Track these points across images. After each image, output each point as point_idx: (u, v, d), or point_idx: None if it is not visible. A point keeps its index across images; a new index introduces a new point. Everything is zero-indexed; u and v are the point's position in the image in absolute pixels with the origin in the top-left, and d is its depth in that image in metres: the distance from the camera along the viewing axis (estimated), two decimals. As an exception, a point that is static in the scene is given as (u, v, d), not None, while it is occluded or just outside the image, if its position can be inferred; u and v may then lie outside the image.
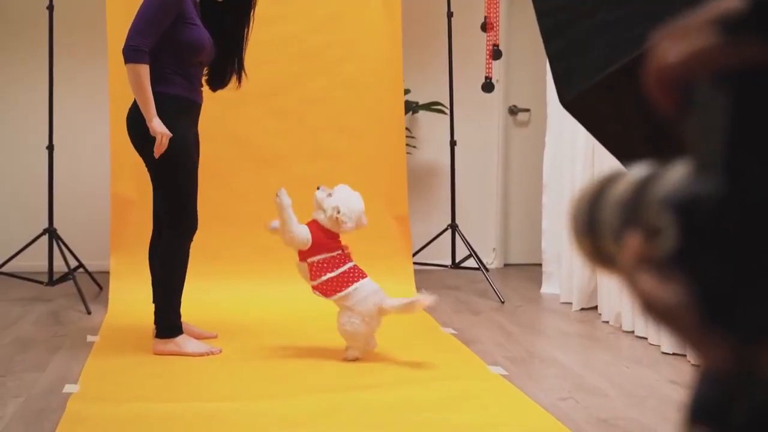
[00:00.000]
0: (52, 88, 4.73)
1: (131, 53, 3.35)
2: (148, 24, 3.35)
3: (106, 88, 4.71)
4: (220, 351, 3.60)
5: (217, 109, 3.74)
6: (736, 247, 0.44)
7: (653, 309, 0.49)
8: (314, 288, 3.50)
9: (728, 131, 0.44)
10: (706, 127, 0.45)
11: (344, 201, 3.50)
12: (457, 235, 5.29)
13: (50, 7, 4.71)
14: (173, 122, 3.45)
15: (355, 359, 3.51)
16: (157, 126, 3.38)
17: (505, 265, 6.36)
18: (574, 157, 4.69)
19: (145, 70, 3.35)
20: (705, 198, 0.44)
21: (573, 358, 3.63)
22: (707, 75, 0.45)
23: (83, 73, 5.54)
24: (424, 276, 5.36)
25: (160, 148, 3.38)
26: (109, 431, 2.66)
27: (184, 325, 3.68)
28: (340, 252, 3.52)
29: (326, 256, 3.49)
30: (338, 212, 3.45)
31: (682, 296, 0.46)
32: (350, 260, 3.54)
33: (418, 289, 4.82)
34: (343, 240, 3.58)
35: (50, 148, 4.74)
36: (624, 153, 1.24)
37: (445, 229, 5.34)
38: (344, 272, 3.48)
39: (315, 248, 3.48)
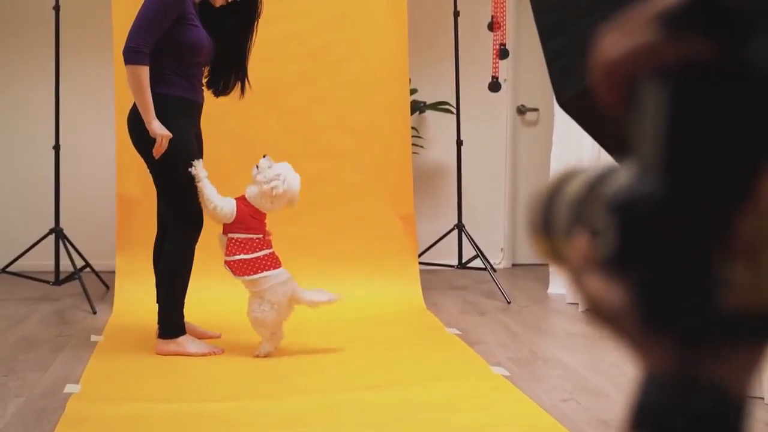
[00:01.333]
0: (59, 88, 4.75)
1: (131, 54, 3.35)
2: (148, 25, 3.35)
3: (112, 88, 4.71)
4: (222, 351, 3.60)
5: (220, 109, 3.74)
6: (676, 249, 0.42)
7: (597, 311, 0.48)
8: (226, 263, 3.52)
9: (667, 129, 0.43)
10: (647, 125, 0.44)
11: (284, 174, 3.48)
12: (464, 235, 5.28)
13: (56, 8, 4.72)
14: (174, 123, 3.45)
15: (267, 355, 3.52)
16: (156, 128, 3.38)
17: (513, 265, 6.33)
18: (582, 157, 4.67)
19: (144, 71, 3.35)
20: (643, 199, 0.43)
21: (577, 359, 3.61)
22: (648, 71, 0.44)
23: (89, 73, 5.56)
24: (431, 276, 5.35)
25: (159, 149, 3.38)
26: (108, 431, 2.66)
27: (187, 325, 3.68)
28: (261, 237, 3.53)
29: (246, 236, 3.50)
30: (277, 178, 3.44)
31: (624, 299, 0.45)
32: (269, 247, 3.55)
33: (424, 289, 4.81)
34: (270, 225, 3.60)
35: (56, 148, 4.75)
36: (621, 153, 1.23)
37: (452, 229, 5.33)
38: (259, 257, 3.50)
39: (237, 225, 3.50)
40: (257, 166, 3.53)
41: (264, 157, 3.55)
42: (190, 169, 3.44)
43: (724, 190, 0.41)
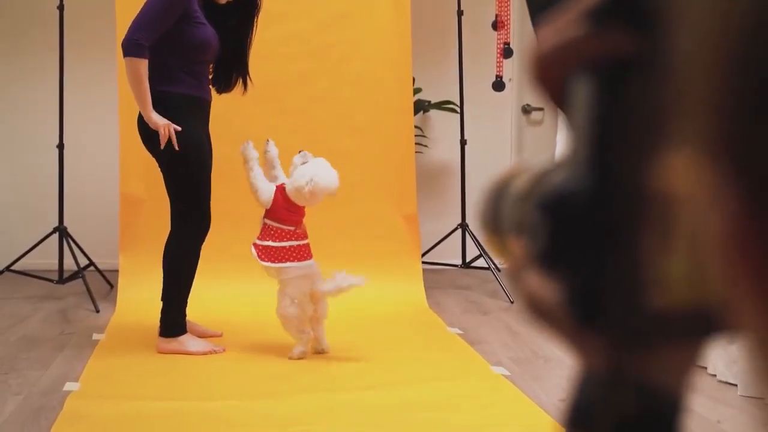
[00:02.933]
0: (63, 87, 4.76)
1: (130, 46, 3.35)
2: (150, 20, 3.35)
3: (116, 87, 4.73)
4: (224, 350, 3.60)
5: (223, 108, 3.74)
6: (603, 246, 0.42)
7: (534, 308, 0.47)
8: (254, 245, 3.53)
9: (594, 124, 0.42)
10: (576, 120, 0.44)
11: (317, 173, 3.47)
12: (467, 234, 5.27)
13: (60, 7, 4.74)
14: (185, 121, 3.46)
15: (301, 357, 3.49)
16: (155, 118, 3.39)
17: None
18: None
19: (143, 64, 3.35)
20: (570, 196, 0.42)
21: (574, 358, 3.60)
22: (576, 66, 0.44)
23: (93, 72, 5.57)
24: (435, 275, 5.35)
25: (164, 138, 3.38)
26: (106, 429, 2.67)
27: (189, 324, 3.68)
28: (293, 228, 3.52)
29: (279, 226, 3.51)
30: (303, 184, 3.43)
31: (557, 297, 0.45)
32: (299, 239, 3.54)
33: (427, 288, 4.81)
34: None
35: (60, 147, 4.77)
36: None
37: (456, 229, 5.32)
38: (285, 247, 3.50)
39: (272, 214, 3.52)
40: (300, 153, 3.54)
41: (300, 152, 3.54)
42: (240, 149, 3.48)
43: (651, 185, 0.41)
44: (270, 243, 3.50)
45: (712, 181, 0.29)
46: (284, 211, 3.51)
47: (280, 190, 3.53)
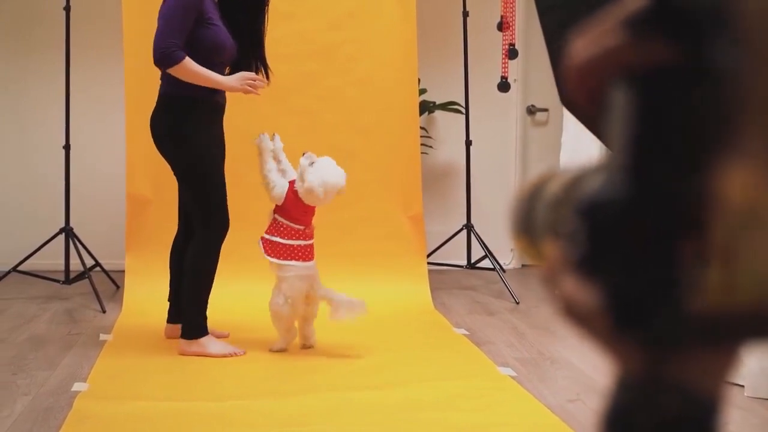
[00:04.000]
0: (69, 88, 4.77)
1: (164, 58, 3.33)
2: (172, 24, 3.33)
3: (122, 88, 4.74)
4: (244, 352, 3.61)
5: (230, 108, 3.74)
6: (643, 252, 0.43)
7: (571, 312, 0.48)
8: (261, 239, 3.58)
9: (633, 132, 0.43)
10: (615, 127, 0.44)
11: (323, 175, 3.49)
12: (473, 235, 5.28)
13: (67, 8, 4.74)
14: (201, 124, 3.47)
15: (280, 350, 3.57)
16: (233, 82, 3.44)
17: (523, 265, 6.33)
18: (591, 157, 4.66)
19: (186, 63, 3.34)
20: (609, 202, 0.43)
21: (585, 360, 3.61)
22: (614, 75, 0.44)
23: (99, 73, 5.58)
24: (440, 276, 5.35)
25: (256, 85, 3.48)
26: (114, 429, 2.68)
27: None
28: (303, 228, 3.55)
29: (290, 224, 3.54)
30: (315, 187, 3.46)
31: (595, 301, 0.45)
32: (306, 239, 3.57)
33: (433, 289, 4.81)
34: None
35: (67, 147, 4.78)
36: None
37: (461, 229, 5.33)
38: (292, 246, 3.54)
39: (283, 210, 3.56)
40: (304, 156, 3.55)
41: (304, 154, 3.56)
42: (255, 141, 3.52)
43: (690, 192, 0.41)
44: (278, 239, 3.53)
45: None
46: (294, 209, 3.54)
47: (292, 187, 3.55)
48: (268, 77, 3.75)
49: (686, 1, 0.42)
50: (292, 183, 3.56)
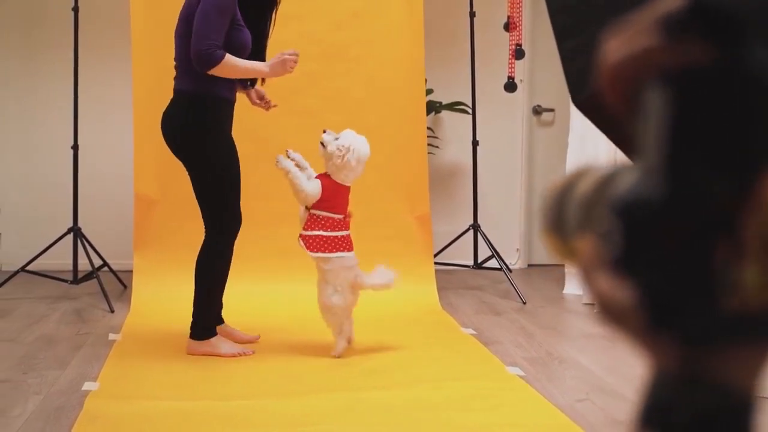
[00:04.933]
0: (77, 88, 4.79)
1: (205, 60, 3.32)
2: (209, 27, 3.32)
3: (130, 88, 4.75)
4: (253, 352, 3.61)
5: (237, 108, 3.75)
6: (679, 251, 0.43)
7: (607, 310, 0.48)
8: (301, 237, 3.55)
9: (669, 133, 0.44)
10: (650, 128, 0.45)
11: (351, 141, 3.52)
12: (479, 235, 5.28)
13: (75, 9, 4.76)
14: (218, 124, 3.47)
15: (340, 355, 3.52)
16: (277, 67, 3.46)
17: (529, 265, 6.33)
18: (597, 157, 4.66)
19: (228, 61, 3.34)
20: (646, 202, 0.44)
21: (593, 360, 3.61)
22: (650, 76, 0.45)
23: (108, 73, 5.60)
24: (447, 276, 5.36)
25: (293, 61, 3.48)
26: (125, 429, 2.69)
27: (227, 330, 3.72)
28: (342, 217, 3.55)
29: (328, 215, 3.53)
30: (347, 150, 3.47)
31: (631, 299, 0.46)
32: (347, 228, 3.58)
33: (440, 289, 4.82)
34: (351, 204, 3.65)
35: (75, 148, 4.80)
36: (637, 153, 1.23)
37: (467, 229, 5.33)
38: (336, 237, 3.53)
39: (322, 202, 3.53)
40: (322, 143, 3.55)
41: (324, 132, 3.57)
42: (277, 165, 3.50)
43: (726, 192, 0.42)
44: (320, 232, 3.51)
45: None
46: (334, 196, 3.52)
47: (325, 176, 3.55)
48: (263, 80, 3.76)
49: (721, 1, 0.42)
50: (321, 174, 3.56)
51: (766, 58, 0.40)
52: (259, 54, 3.71)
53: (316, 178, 3.56)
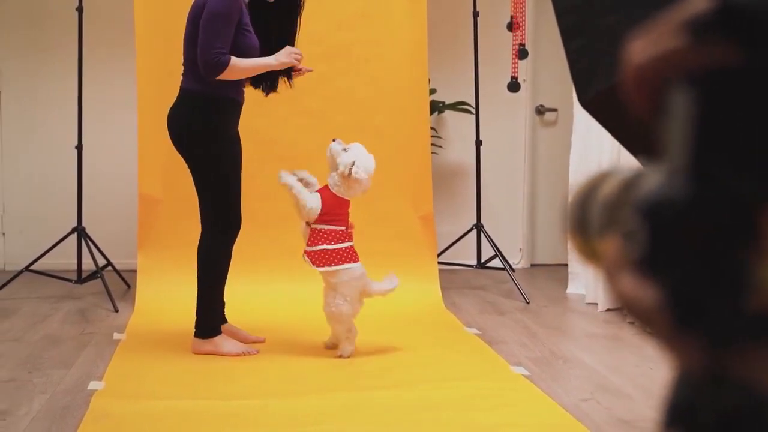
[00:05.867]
0: (81, 88, 4.79)
1: (212, 67, 3.33)
2: (215, 34, 3.32)
3: (134, 88, 4.76)
4: (257, 351, 3.62)
5: (243, 108, 3.75)
6: (704, 251, 0.44)
7: (632, 310, 0.49)
8: (306, 254, 3.54)
9: (695, 133, 0.44)
10: (676, 129, 0.45)
11: (359, 157, 3.52)
12: (482, 235, 5.28)
13: (79, 9, 4.76)
14: (223, 122, 3.48)
15: (351, 355, 3.53)
16: (283, 58, 3.45)
17: (532, 265, 6.33)
18: (600, 157, 4.66)
19: (234, 63, 3.34)
20: (671, 203, 0.44)
21: (597, 359, 3.61)
22: (676, 77, 0.45)
23: (112, 73, 5.60)
24: (450, 276, 5.36)
25: (298, 59, 3.48)
26: (131, 428, 2.70)
27: (232, 330, 3.72)
28: (344, 229, 3.55)
29: (330, 228, 3.53)
30: (353, 164, 3.46)
31: (655, 299, 0.46)
32: (350, 239, 3.58)
33: (443, 289, 4.82)
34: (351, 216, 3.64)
35: (79, 147, 4.80)
36: (644, 153, 1.23)
37: (471, 229, 5.34)
38: (340, 249, 3.52)
39: (323, 216, 3.52)
40: (330, 149, 3.55)
41: (334, 140, 3.57)
42: (280, 181, 3.49)
43: (751, 194, 0.42)
44: (324, 246, 3.50)
45: None
46: (334, 209, 3.52)
47: (325, 190, 3.55)
48: (290, 80, 3.76)
49: (750, 3, 0.43)
50: (322, 188, 3.56)
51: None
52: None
53: (316, 192, 3.55)
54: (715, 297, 0.44)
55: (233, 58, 3.35)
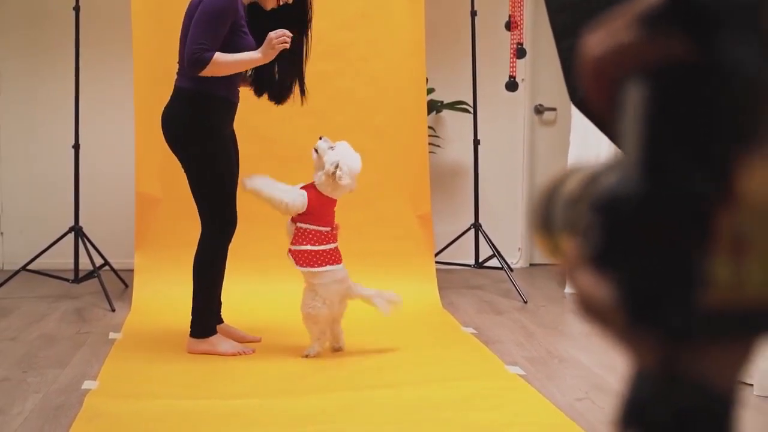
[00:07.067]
0: (78, 87, 4.79)
1: (193, 63, 3.32)
2: (202, 32, 3.32)
3: (132, 87, 4.75)
4: (253, 351, 3.61)
5: (242, 108, 3.75)
6: (656, 247, 0.43)
7: (588, 307, 0.48)
8: (290, 252, 3.53)
9: (647, 129, 0.43)
10: (630, 124, 0.45)
11: (344, 157, 3.49)
12: (481, 234, 5.27)
13: (76, 8, 4.76)
14: (216, 121, 3.47)
15: (317, 355, 3.51)
16: (267, 51, 3.39)
17: (531, 264, 6.32)
18: (599, 157, 4.65)
19: (217, 58, 3.32)
20: (624, 198, 0.43)
21: (593, 359, 3.60)
22: (631, 71, 0.45)
23: (109, 73, 5.60)
24: (448, 275, 5.35)
25: (283, 41, 3.39)
26: (124, 427, 2.69)
27: (228, 329, 3.72)
28: (329, 230, 3.53)
29: (315, 228, 3.50)
30: (337, 167, 3.44)
31: (611, 296, 0.46)
32: (335, 241, 3.56)
33: (441, 288, 4.81)
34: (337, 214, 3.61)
35: (76, 147, 4.80)
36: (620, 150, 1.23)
37: (469, 229, 5.33)
38: (324, 251, 3.50)
39: (308, 216, 3.50)
40: (316, 150, 3.54)
41: (321, 138, 3.55)
42: (245, 189, 3.46)
43: (703, 188, 0.42)
44: (309, 247, 3.49)
45: None
46: (320, 209, 3.49)
47: (311, 187, 3.53)
48: (303, 94, 3.74)
49: None
50: (307, 186, 3.55)
51: (742, 53, 0.40)
52: (295, 67, 3.69)
53: (301, 189, 3.53)
54: (669, 294, 0.43)
55: (217, 54, 3.33)
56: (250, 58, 3.42)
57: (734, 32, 0.40)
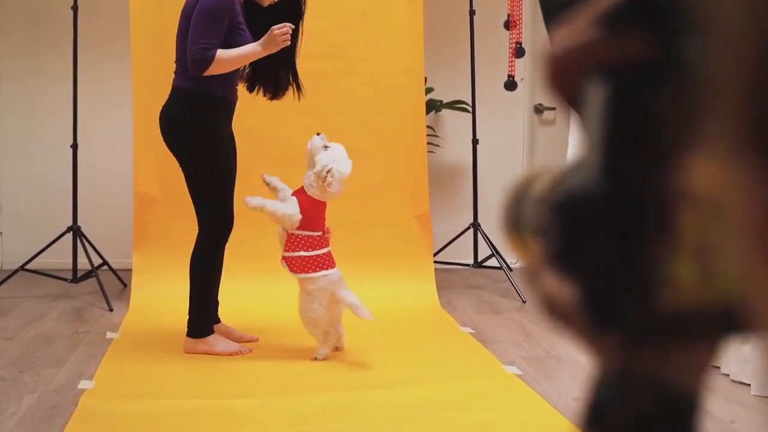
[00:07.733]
0: (77, 87, 4.79)
1: (197, 64, 3.31)
2: (202, 31, 3.31)
3: (130, 87, 4.75)
4: (250, 351, 3.61)
5: (240, 107, 3.75)
6: (615, 248, 0.42)
7: (549, 308, 0.48)
8: (284, 259, 3.51)
9: (605, 127, 0.43)
10: (589, 123, 0.44)
11: (337, 162, 3.47)
12: (479, 234, 5.27)
13: (74, 8, 4.76)
14: (215, 120, 3.46)
15: (326, 358, 3.49)
16: (268, 45, 3.37)
17: (530, 264, 6.30)
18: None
19: (219, 56, 3.31)
20: (582, 199, 0.43)
21: (591, 359, 3.59)
22: (590, 69, 0.44)
23: (107, 72, 5.59)
24: (447, 275, 5.35)
25: (285, 35, 3.37)
26: (119, 427, 2.68)
27: (225, 329, 3.72)
28: (320, 234, 3.52)
29: (308, 234, 3.49)
30: (328, 173, 3.43)
31: (572, 297, 0.45)
32: (327, 245, 3.54)
33: (440, 288, 4.81)
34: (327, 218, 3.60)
35: (74, 146, 4.80)
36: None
37: (468, 228, 5.32)
38: (318, 255, 3.49)
39: (300, 222, 3.48)
40: (311, 143, 3.52)
41: (318, 134, 3.53)
42: (248, 206, 3.43)
43: (660, 188, 0.41)
44: (302, 253, 3.47)
45: (746, 179, 0.29)
46: (311, 214, 3.47)
47: (301, 193, 3.51)
48: (299, 91, 3.74)
49: None
50: (297, 191, 3.53)
51: (699, 52, 0.39)
52: (287, 64, 3.68)
53: (291, 195, 3.51)
54: (629, 294, 0.43)
55: (219, 51, 3.33)
56: (251, 51, 3.41)
57: (692, 30, 0.40)
